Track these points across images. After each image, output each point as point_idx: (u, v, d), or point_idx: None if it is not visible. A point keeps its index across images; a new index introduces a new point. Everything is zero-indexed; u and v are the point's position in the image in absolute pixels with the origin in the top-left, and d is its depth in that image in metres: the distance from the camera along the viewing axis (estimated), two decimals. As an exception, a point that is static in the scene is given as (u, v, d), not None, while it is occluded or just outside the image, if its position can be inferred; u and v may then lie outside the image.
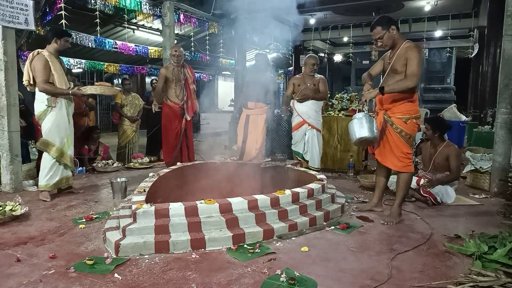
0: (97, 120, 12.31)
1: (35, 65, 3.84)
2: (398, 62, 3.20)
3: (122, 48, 8.91)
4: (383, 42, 3.27)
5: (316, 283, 2.17)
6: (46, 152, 3.96)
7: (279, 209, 3.04)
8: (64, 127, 4.01)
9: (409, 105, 3.23)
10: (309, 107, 5.03)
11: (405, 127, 3.21)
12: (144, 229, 2.67)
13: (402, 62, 3.17)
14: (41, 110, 3.90)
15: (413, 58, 3.10)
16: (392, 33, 3.24)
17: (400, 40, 3.26)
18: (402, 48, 3.19)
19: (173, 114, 5.02)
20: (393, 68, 3.24)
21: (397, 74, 3.22)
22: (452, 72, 14.75)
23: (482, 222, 3.37)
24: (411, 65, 3.10)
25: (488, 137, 6.48)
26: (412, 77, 3.07)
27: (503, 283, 2.08)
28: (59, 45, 3.97)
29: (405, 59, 3.14)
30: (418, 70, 3.09)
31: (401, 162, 3.27)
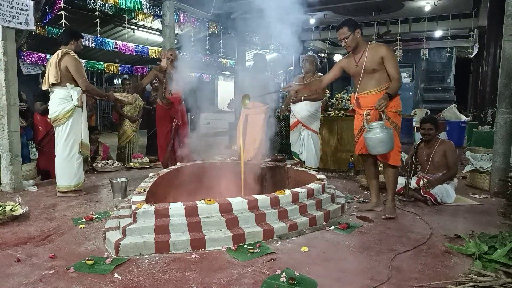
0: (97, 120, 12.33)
1: (69, 65, 3.93)
2: (372, 62, 3.34)
3: (122, 48, 8.91)
4: (346, 43, 3.40)
5: (316, 283, 2.17)
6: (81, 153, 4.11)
7: (279, 209, 3.04)
8: (86, 125, 4.21)
9: (398, 99, 3.43)
10: (301, 108, 5.05)
11: (397, 120, 3.40)
12: (144, 229, 2.67)
13: (377, 61, 3.32)
14: (67, 109, 3.97)
15: (391, 57, 3.33)
16: (356, 36, 3.38)
17: (363, 44, 3.42)
18: (371, 49, 3.35)
19: (164, 114, 5.04)
20: (368, 69, 3.36)
21: (375, 73, 3.36)
22: (452, 72, 14.73)
23: (482, 222, 3.37)
24: (393, 64, 3.31)
25: (488, 137, 6.47)
26: (399, 75, 3.32)
27: (503, 283, 2.08)
28: (76, 47, 4.12)
29: (381, 58, 3.31)
30: (398, 67, 3.36)
31: (398, 156, 3.43)
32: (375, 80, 3.38)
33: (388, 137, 3.16)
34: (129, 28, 9.33)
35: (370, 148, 3.27)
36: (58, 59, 3.92)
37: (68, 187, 4.07)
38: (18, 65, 5.12)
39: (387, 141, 3.16)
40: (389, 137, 3.17)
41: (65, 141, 4.01)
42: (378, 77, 3.36)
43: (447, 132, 8.35)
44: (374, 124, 3.20)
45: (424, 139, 4.24)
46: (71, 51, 4.01)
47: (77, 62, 3.99)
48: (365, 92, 3.43)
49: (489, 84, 8.37)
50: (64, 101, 3.96)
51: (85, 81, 4.03)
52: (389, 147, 3.21)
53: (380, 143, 3.16)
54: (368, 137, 3.22)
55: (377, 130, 3.17)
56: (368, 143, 3.25)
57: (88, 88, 4.09)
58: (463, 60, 14.27)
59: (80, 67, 4.01)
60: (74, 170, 4.08)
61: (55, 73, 3.91)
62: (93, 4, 6.06)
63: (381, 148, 3.19)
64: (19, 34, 5.46)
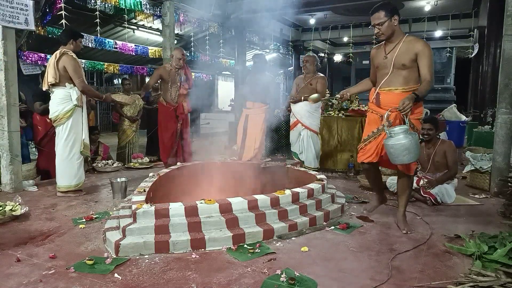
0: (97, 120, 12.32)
1: (67, 65, 3.92)
2: (405, 57, 2.90)
3: (122, 48, 8.91)
4: (380, 30, 2.95)
5: (316, 283, 2.17)
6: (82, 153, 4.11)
7: (279, 209, 3.04)
8: (87, 125, 4.21)
9: (422, 105, 3.04)
10: (301, 108, 5.05)
11: (419, 128, 3.06)
12: (144, 229, 2.67)
13: (410, 57, 2.89)
14: (67, 109, 3.97)
15: (427, 56, 2.86)
16: (393, 23, 2.93)
17: (400, 34, 2.99)
18: (407, 42, 2.93)
19: (169, 114, 5.03)
20: (399, 63, 2.93)
21: (404, 70, 2.94)
22: (452, 72, 14.74)
23: (482, 222, 3.37)
24: (427, 63, 2.86)
25: (488, 137, 6.47)
26: (432, 78, 2.87)
27: (503, 283, 2.08)
28: (75, 46, 4.10)
29: (415, 54, 2.88)
30: (433, 68, 2.91)
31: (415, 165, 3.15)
32: (403, 78, 2.95)
33: (414, 144, 2.72)
34: (129, 28, 9.34)
35: (392, 157, 2.82)
36: (56, 59, 3.92)
37: (68, 187, 4.08)
38: (18, 65, 5.12)
39: (412, 149, 2.72)
40: (415, 145, 2.74)
41: (65, 141, 4.01)
42: (407, 75, 2.94)
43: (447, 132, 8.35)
44: (397, 128, 2.77)
45: (424, 139, 4.23)
46: (69, 51, 4.00)
47: (75, 62, 3.98)
48: (389, 88, 2.98)
49: (489, 84, 8.36)
50: (63, 101, 3.97)
51: (82, 82, 4.00)
52: (414, 156, 2.78)
53: (404, 151, 2.73)
54: (390, 144, 2.76)
55: (400, 136, 2.73)
56: (390, 150, 2.80)
57: (85, 88, 4.06)
58: (463, 60, 14.28)
59: (77, 67, 3.99)
60: (74, 170, 4.08)
61: (54, 73, 3.91)
62: (93, 4, 6.07)
63: (406, 157, 2.76)
64: (19, 34, 5.47)
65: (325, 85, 5.14)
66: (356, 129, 5.75)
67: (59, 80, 3.94)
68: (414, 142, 2.73)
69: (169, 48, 6.58)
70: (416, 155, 2.79)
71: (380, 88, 3.04)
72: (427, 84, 2.84)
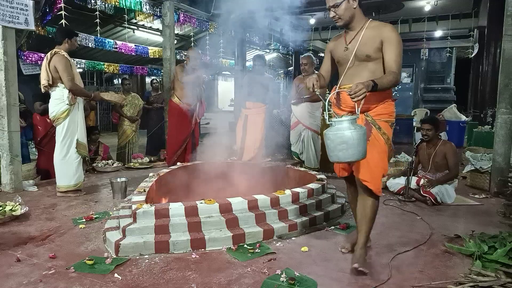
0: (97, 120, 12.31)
1: (57, 65, 3.89)
2: (369, 45, 2.37)
3: (122, 48, 8.90)
4: (336, 14, 2.41)
5: (316, 283, 2.17)
6: (78, 153, 4.07)
7: (279, 209, 3.04)
8: (84, 124, 4.16)
9: (392, 106, 2.47)
10: (302, 108, 5.06)
11: (390, 133, 2.43)
12: (144, 229, 2.67)
13: (375, 46, 2.36)
14: (63, 109, 3.96)
15: (394, 43, 2.34)
16: (351, 5, 2.39)
17: (362, 19, 2.45)
18: (371, 28, 2.40)
19: (184, 114, 5.05)
20: (362, 55, 2.39)
21: (370, 62, 2.40)
22: (452, 72, 14.75)
23: (482, 222, 3.37)
24: (394, 52, 2.33)
25: (488, 137, 6.47)
26: (398, 70, 2.33)
27: (503, 283, 2.08)
28: (70, 46, 4.07)
29: (380, 42, 2.35)
30: (401, 58, 2.37)
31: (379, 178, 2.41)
32: (369, 72, 2.39)
33: (356, 139, 2.10)
34: (129, 28, 9.33)
35: (328, 151, 2.21)
36: (48, 61, 3.90)
37: (67, 187, 4.07)
38: (18, 65, 5.11)
39: (352, 144, 2.10)
40: (357, 140, 2.11)
41: (62, 141, 4.00)
42: (373, 68, 2.40)
43: (447, 132, 8.37)
44: (342, 118, 2.17)
45: (423, 139, 4.23)
46: (61, 50, 3.96)
47: (65, 61, 3.91)
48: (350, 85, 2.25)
49: (489, 84, 8.36)
50: (60, 101, 3.95)
51: (70, 80, 3.90)
52: (354, 155, 2.12)
53: (341, 144, 2.13)
54: (328, 134, 2.17)
55: (342, 125, 2.13)
56: (326, 142, 2.20)
57: (72, 87, 3.94)
58: (463, 60, 14.27)
59: (67, 66, 3.91)
60: (72, 170, 4.07)
61: (46, 75, 3.90)
62: (93, 4, 6.06)
63: (342, 153, 2.13)
64: (19, 34, 5.45)
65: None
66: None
67: (52, 81, 3.92)
68: (358, 137, 2.11)
69: (169, 48, 6.58)
70: (358, 154, 2.13)
71: (340, 86, 2.48)
72: (391, 75, 2.28)
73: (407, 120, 10.35)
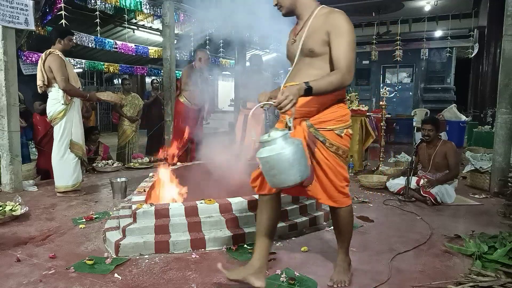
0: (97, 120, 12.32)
1: (51, 64, 3.87)
2: (313, 38, 1.96)
3: (122, 48, 8.90)
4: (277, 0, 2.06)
5: (316, 283, 2.17)
6: (72, 153, 4.03)
7: (279, 209, 3.03)
8: (80, 125, 4.13)
9: (342, 109, 2.04)
10: None
11: (341, 142, 2.01)
12: (144, 229, 2.67)
13: (320, 38, 1.94)
14: (59, 109, 3.94)
15: (344, 35, 1.90)
16: None
17: (310, 6, 2.04)
18: (318, 17, 1.98)
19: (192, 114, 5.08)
20: (305, 48, 1.99)
21: (314, 58, 1.99)
22: (452, 72, 14.74)
23: (482, 222, 3.37)
24: (342, 45, 1.90)
25: (488, 137, 6.48)
26: (349, 66, 1.89)
27: (503, 283, 2.08)
28: (63, 45, 4.03)
29: (327, 34, 1.92)
30: (353, 53, 1.92)
31: (341, 193, 2.07)
32: (314, 70, 1.98)
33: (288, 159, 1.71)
34: (129, 28, 9.32)
35: (266, 176, 1.83)
36: (43, 61, 3.89)
37: (65, 187, 4.06)
38: (18, 65, 5.11)
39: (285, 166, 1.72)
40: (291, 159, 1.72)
41: (60, 141, 3.99)
42: (320, 65, 1.99)
43: (447, 132, 8.37)
44: (273, 134, 1.75)
45: (424, 140, 4.23)
46: (55, 50, 3.95)
47: (59, 61, 3.88)
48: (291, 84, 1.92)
49: (489, 84, 8.37)
50: (56, 101, 3.94)
51: (63, 80, 3.87)
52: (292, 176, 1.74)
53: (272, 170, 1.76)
54: (261, 156, 1.77)
55: (273, 146, 1.74)
56: (262, 166, 1.83)
57: (66, 87, 3.90)
58: (463, 60, 14.27)
59: (60, 65, 3.88)
60: (70, 170, 4.04)
61: (41, 76, 3.90)
62: (93, 4, 6.06)
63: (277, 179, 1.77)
64: (19, 34, 5.47)
65: None
66: (356, 129, 5.75)
67: (47, 81, 3.91)
68: (288, 158, 1.71)
69: (169, 48, 6.58)
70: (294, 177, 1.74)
71: (284, 84, 2.09)
72: (335, 75, 1.86)
73: (407, 120, 10.36)
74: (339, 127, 2.01)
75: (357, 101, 6.30)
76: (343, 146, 2.02)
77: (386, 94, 5.76)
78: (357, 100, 6.32)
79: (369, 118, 6.01)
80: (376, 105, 12.39)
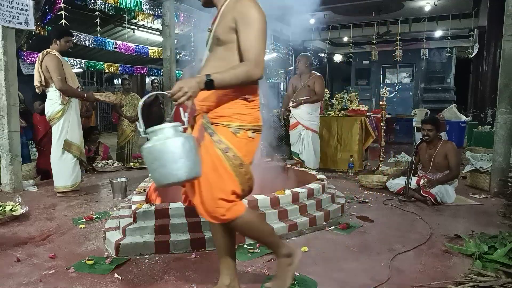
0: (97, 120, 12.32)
1: (48, 64, 3.86)
2: (220, 25, 1.79)
3: (122, 48, 8.90)
4: None
5: (316, 283, 2.17)
6: (69, 153, 4.01)
7: (279, 209, 3.03)
8: (78, 125, 4.11)
9: (244, 107, 1.79)
10: (301, 110, 5.07)
11: (234, 143, 1.75)
12: (144, 229, 2.67)
13: (227, 26, 1.75)
14: (57, 109, 3.93)
15: (251, 22, 1.71)
16: None
17: None
18: (229, 3, 1.80)
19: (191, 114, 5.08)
20: (215, 37, 1.82)
21: (220, 47, 1.81)
22: (452, 72, 14.74)
23: (482, 222, 3.37)
24: (251, 36, 1.70)
25: (488, 137, 6.47)
26: (258, 58, 1.70)
27: (503, 283, 2.08)
28: (60, 46, 4.01)
29: (234, 21, 1.73)
30: (261, 44, 1.72)
31: (218, 206, 1.71)
32: (218, 61, 1.80)
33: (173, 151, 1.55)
34: (129, 28, 9.33)
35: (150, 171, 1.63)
36: (40, 61, 3.88)
37: (64, 188, 4.05)
38: (18, 65, 5.12)
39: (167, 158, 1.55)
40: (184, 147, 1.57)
41: (58, 141, 3.98)
42: (223, 56, 1.80)
43: (447, 132, 8.37)
44: (163, 125, 1.64)
45: (424, 140, 4.23)
46: (53, 50, 3.94)
47: (56, 61, 3.86)
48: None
49: (489, 84, 8.37)
50: (54, 101, 3.93)
51: (59, 80, 3.85)
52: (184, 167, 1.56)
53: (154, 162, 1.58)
54: (145, 147, 1.62)
55: (163, 135, 1.61)
56: (145, 158, 1.63)
57: (62, 88, 3.88)
58: (463, 60, 14.27)
59: (57, 66, 3.86)
60: (69, 170, 4.03)
61: (38, 76, 3.89)
62: (93, 4, 6.07)
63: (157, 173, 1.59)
64: (19, 34, 5.46)
65: (323, 85, 5.16)
66: (356, 129, 5.75)
67: (45, 81, 3.90)
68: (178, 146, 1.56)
69: (169, 48, 6.58)
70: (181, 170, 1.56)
71: None
72: (241, 67, 1.69)
73: (407, 120, 10.36)
74: (235, 125, 1.76)
75: (357, 101, 6.31)
76: (235, 148, 1.74)
77: (386, 94, 5.76)
78: (357, 100, 6.33)
79: (369, 118, 6.01)
80: (376, 105, 12.39)
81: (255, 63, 1.69)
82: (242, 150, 1.76)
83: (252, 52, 1.69)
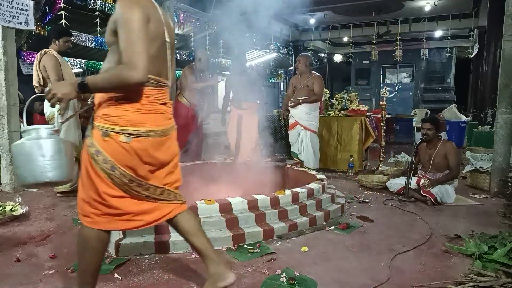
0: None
1: (45, 64, 3.85)
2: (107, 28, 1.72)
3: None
4: None
5: (316, 283, 2.17)
6: None
7: (279, 209, 3.04)
8: (77, 125, 4.12)
9: (117, 110, 1.67)
10: (300, 110, 5.07)
11: (102, 146, 1.66)
12: (144, 229, 2.66)
13: (109, 27, 1.70)
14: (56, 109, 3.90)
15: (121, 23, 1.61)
16: None
17: None
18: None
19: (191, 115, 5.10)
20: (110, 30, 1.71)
21: (110, 50, 1.76)
22: (452, 72, 14.74)
23: (482, 222, 3.37)
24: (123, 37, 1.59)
25: (488, 137, 6.48)
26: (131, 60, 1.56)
27: (503, 283, 2.08)
28: (59, 46, 4.01)
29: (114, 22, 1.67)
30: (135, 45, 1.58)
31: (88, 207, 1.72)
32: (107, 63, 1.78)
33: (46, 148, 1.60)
34: (129, 28, 9.32)
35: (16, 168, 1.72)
36: (38, 61, 3.88)
37: (64, 188, 4.05)
38: (18, 65, 5.12)
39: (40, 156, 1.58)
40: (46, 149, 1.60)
41: None
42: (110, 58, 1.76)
43: (447, 132, 8.37)
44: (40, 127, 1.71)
45: (423, 139, 4.23)
46: (51, 50, 3.94)
47: (53, 61, 3.86)
48: None
49: (489, 84, 8.37)
50: None
51: (56, 80, 3.81)
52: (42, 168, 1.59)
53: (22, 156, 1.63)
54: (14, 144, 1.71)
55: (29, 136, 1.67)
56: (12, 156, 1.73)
57: None
58: (463, 60, 14.27)
59: (54, 65, 3.85)
60: None
61: (36, 76, 3.89)
62: (93, 4, 6.07)
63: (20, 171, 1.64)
64: (19, 34, 5.46)
65: (322, 85, 5.16)
66: (356, 129, 5.75)
67: (43, 81, 3.90)
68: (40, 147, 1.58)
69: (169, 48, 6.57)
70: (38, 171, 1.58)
71: None
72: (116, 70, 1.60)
73: (407, 120, 10.36)
74: (104, 126, 1.66)
75: (357, 101, 6.31)
76: (105, 152, 1.64)
77: (386, 94, 5.77)
78: (357, 100, 6.33)
79: (369, 118, 6.01)
80: (376, 105, 12.39)
81: (130, 66, 1.55)
82: (114, 155, 1.66)
83: (126, 54, 1.57)
